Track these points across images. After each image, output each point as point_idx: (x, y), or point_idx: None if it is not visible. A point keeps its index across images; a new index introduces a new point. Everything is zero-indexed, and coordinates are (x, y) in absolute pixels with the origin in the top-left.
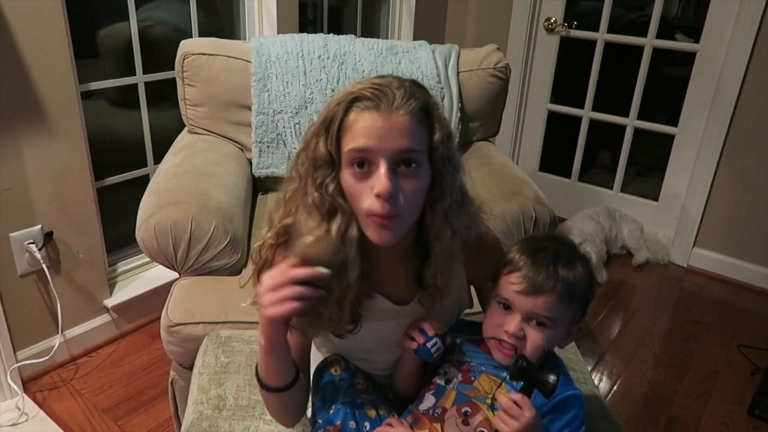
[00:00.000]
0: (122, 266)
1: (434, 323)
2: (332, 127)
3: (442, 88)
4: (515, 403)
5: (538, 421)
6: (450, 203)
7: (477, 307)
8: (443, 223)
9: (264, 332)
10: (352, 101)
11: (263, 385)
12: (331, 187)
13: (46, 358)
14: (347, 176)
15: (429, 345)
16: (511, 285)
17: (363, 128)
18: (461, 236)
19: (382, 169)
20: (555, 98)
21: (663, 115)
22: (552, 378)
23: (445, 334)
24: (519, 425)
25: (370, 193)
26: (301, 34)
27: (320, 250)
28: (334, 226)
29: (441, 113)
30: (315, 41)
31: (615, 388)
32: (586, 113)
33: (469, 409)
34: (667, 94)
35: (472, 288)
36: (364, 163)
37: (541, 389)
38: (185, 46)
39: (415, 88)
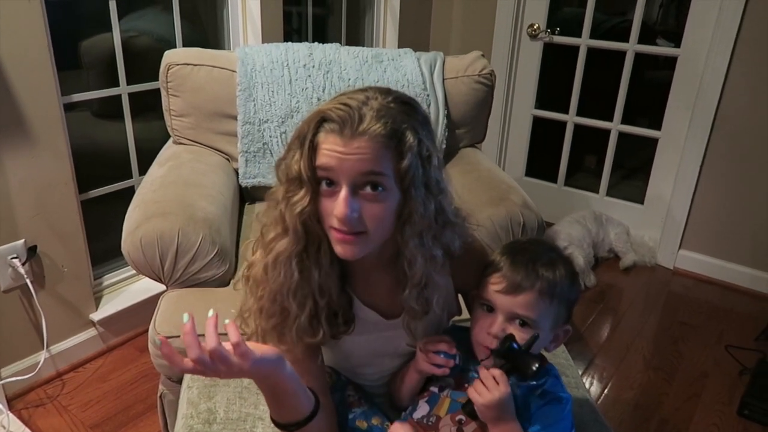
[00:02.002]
0: (108, 279)
1: (447, 339)
2: (304, 144)
3: (428, 95)
4: (493, 377)
5: (510, 400)
6: (422, 228)
7: (465, 314)
8: (415, 247)
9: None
10: (320, 121)
11: (283, 426)
12: (298, 208)
13: (32, 374)
14: (321, 196)
15: (457, 362)
16: (492, 285)
17: (326, 150)
18: (438, 258)
19: (342, 192)
20: (540, 104)
21: (646, 118)
22: (535, 364)
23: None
24: (491, 398)
25: (333, 213)
26: (286, 43)
27: None
28: (283, 242)
29: (417, 136)
30: (300, 50)
31: (606, 391)
32: (571, 118)
33: (464, 417)
34: (650, 98)
35: (460, 296)
36: (332, 182)
37: (521, 371)
38: (169, 56)
39: (392, 109)
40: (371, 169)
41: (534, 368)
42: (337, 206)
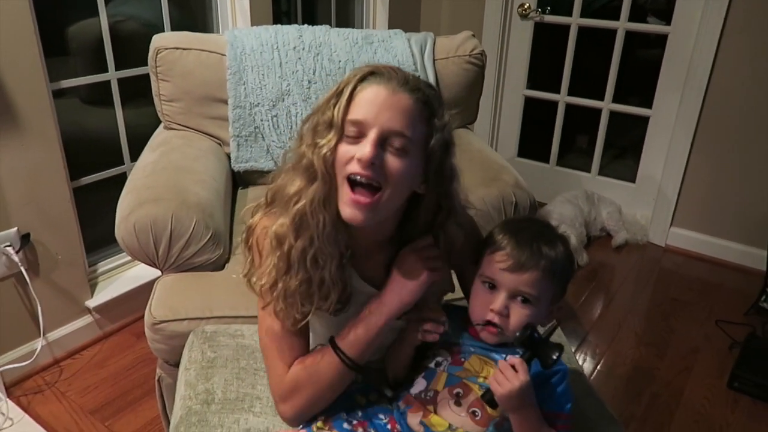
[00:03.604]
0: (102, 266)
1: (435, 307)
2: (344, 93)
3: (418, 76)
4: (513, 367)
5: (530, 388)
6: (433, 210)
7: (459, 292)
8: (423, 223)
9: (406, 300)
10: (368, 73)
11: (356, 366)
12: (325, 150)
13: (29, 361)
14: (342, 144)
15: (446, 328)
16: (497, 263)
17: (365, 99)
18: (447, 241)
19: (371, 135)
20: (531, 84)
21: (637, 97)
22: (555, 353)
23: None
24: (512, 387)
25: (353, 159)
26: (275, 25)
27: None
28: (312, 189)
29: (446, 121)
30: (290, 32)
31: (598, 367)
32: (563, 98)
33: (461, 390)
34: (641, 77)
35: (453, 274)
36: (358, 135)
37: (542, 360)
38: (158, 40)
39: (430, 87)
40: (401, 130)
41: (554, 357)
42: (363, 148)
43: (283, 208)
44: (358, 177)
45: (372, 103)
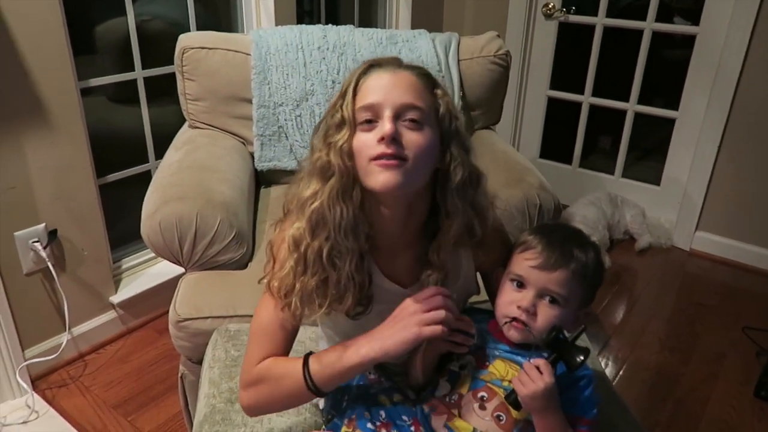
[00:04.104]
0: (126, 263)
1: (466, 317)
2: (348, 91)
3: (443, 77)
4: (537, 368)
5: (555, 390)
6: (463, 179)
7: (483, 295)
8: (456, 198)
9: (389, 350)
10: (367, 67)
11: (315, 389)
12: (341, 143)
13: (54, 355)
14: (357, 135)
15: (475, 340)
16: (526, 261)
17: (371, 86)
18: (471, 218)
19: (387, 113)
20: (554, 84)
21: (663, 99)
22: (581, 356)
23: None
24: (536, 388)
25: (374, 142)
26: (299, 25)
27: None
28: (329, 185)
29: (447, 93)
30: (314, 32)
31: (621, 372)
32: (586, 99)
33: (486, 394)
34: (667, 78)
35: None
36: (371, 120)
37: (568, 362)
38: (184, 40)
39: (424, 67)
40: (411, 101)
41: (580, 360)
42: (382, 126)
43: (299, 212)
44: (384, 157)
45: (379, 87)
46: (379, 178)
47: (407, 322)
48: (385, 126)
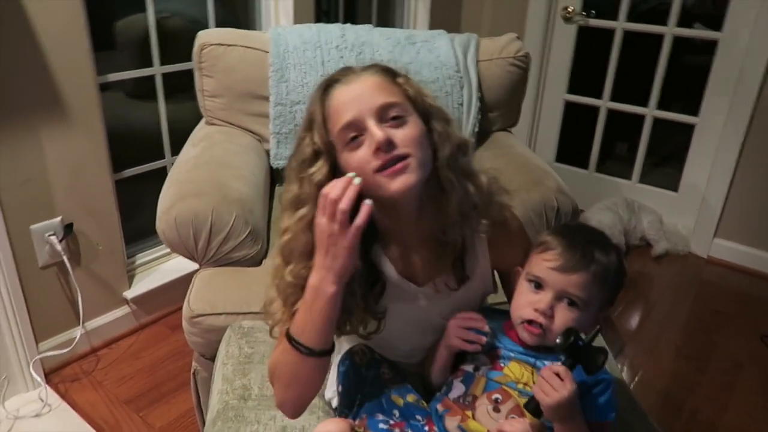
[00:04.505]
0: (141, 258)
1: (479, 316)
2: (315, 120)
3: (461, 78)
4: (557, 375)
5: (576, 396)
6: (452, 151)
7: (500, 295)
8: (448, 171)
9: (337, 271)
10: (324, 89)
11: (299, 346)
12: (318, 176)
13: (68, 349)
14: (347, 155)
15: (489, 339)
16: (545, 262)
17: (340, 104)
18: (468, 188)
19: (371, 125)
20: (572, 88)
21: (682, 104)
22: (601, 358)
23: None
24: (560, 397)
25: (370, 156)
26: (318, 24)
27: None
28: (299, 213)
29: (407, 77)
30: (332, 31)
31: (637, 379)
32: (604, 103)
33: (500, 396)
34: (687, 84)
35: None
36: (356, 136)
37: (587, 366)
38: (203, 36)
39: (380, 65)
40: (385, 100)
41: (600, 363)
42: (372, 137)
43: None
44: (388, 165)
45: (348, 101)
46: (393, 185)
47: (334, 246)
48: (376, 135)
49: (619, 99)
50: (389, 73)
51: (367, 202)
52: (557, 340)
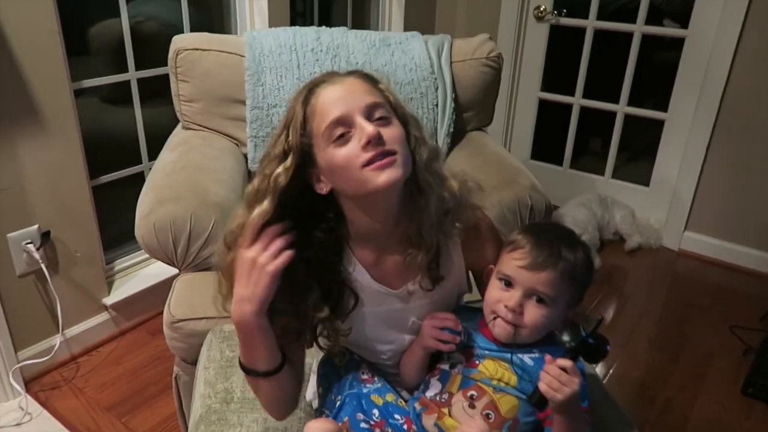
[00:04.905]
0: (119, 264)
1: (452, 316)
2: (294, 119)
3: (435, 79)
4: (564, 370)
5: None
6: (429, 155)
7: (475, 293)
8: (427, 174)
9: (257, 299)
10: (309, 90)
11: (251, 372)
12: (280, 177)
13: (47, 357)
14: (332, 152)
15: (463, 338)
16: (514, 261)
17: (328, 102)
18: (441, 191)
19: (360, 121)
20: (546, 86)
21: (652, 100)
22: (606, 346)
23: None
24: (571, 392)
25: (359, 150)
26: (293, 27)
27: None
28: (254, 208)
29: (387, 84)
30: (308, 34)
31: (611, 371)
32: (577, 100)
33: (475, 393)
34: (657, 80)
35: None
36: (344, 133)
37: (589, 356)
38: (178, 41)
39: (362, 71)
40: (373, 100)
41: (606, 350)
42: (363, 131)
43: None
44: (377, 158)
45: (337, 99)
46: (381, 178)
47: (258, 272)
48: (367, 129)
49: (592, 96)
50: (371, 80)
51: (287, 253)
52: (564, 338)
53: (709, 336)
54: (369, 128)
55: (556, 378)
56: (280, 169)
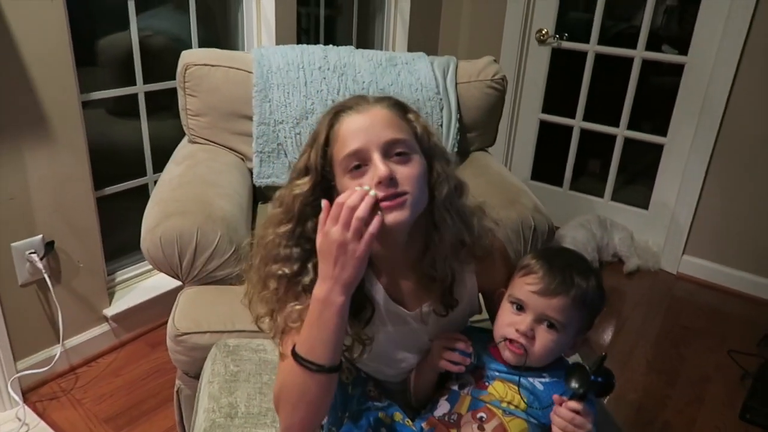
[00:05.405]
0: (121, 275)
1: (463, 337)
2: (317, 140)
3: (440, 99)
4: (577, 413)
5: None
6: (449, 192)
7: (485, 314)
8: (443, 211)
9: (345, 281)
10: (335, 114)
11: (308, 364)
12: (297, 191)
13: (47, 368)
14: (347, 182)
15: (473, 360)
16: (527, 285)
17: (349, 131)
18: (461, 228)
19: (376, 159)
20: (547, 108)
21: (652, 124)
22: (613, 383)
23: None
24: None
25: (372, 187)
26: (301, 45)
27: None
28: (276, 211)
29: (418, 114)
30: (315, 52)
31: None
32: (577, 123)
33: (485, 415)
34: (656, 104)
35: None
36: (360, 165)
37: (597, 393)
38: (187, 56)
39: (389, 96)
40: (393, 136)
41: (613, 386)
42: (375, 170)
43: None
44: (386, 200)
45: (358, 130)
46: (387, 218)
47: (344, 256)
48: (379, 169)
49: (592, 119)
50: (400, 108)
51: (379, 214)
52: (573, 384)
53: (706, 359)
54: (382, 169)
55: (569, 422)
56: (300, 182)
